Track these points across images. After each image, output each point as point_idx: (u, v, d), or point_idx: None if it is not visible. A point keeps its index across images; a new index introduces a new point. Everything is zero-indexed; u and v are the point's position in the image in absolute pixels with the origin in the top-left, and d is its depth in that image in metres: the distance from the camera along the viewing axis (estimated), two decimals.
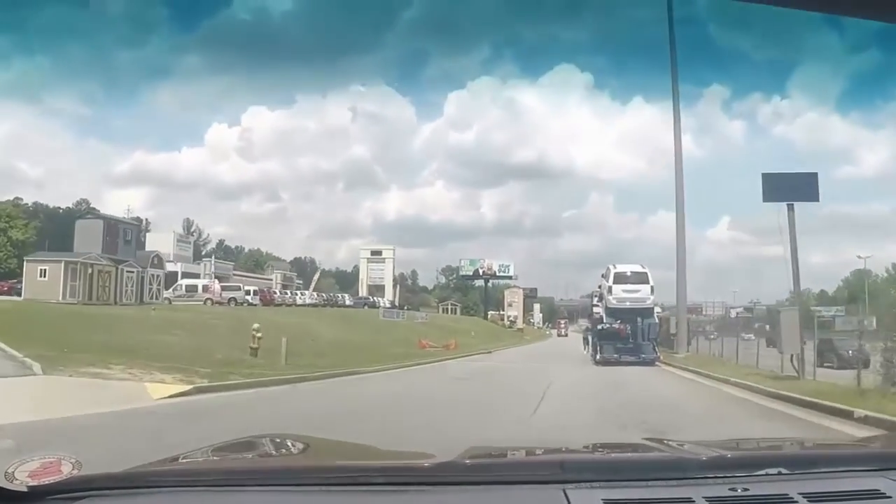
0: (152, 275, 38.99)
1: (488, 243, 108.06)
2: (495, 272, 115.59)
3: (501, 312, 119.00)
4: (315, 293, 64.98)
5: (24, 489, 1.39)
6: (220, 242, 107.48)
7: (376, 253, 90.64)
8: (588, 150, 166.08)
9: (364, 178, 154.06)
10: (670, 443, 1.92)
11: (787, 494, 1.28)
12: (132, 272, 36.64)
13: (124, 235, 37.26)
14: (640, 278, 30.95)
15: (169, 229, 67.54)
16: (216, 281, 48.19)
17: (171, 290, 45.75)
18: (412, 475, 1.51)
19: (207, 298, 45.57)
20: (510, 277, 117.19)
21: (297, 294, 60.11)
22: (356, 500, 1.38)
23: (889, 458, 1.65)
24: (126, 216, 44.65)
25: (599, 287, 33.21)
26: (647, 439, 2.11)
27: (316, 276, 62.99)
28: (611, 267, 31.97)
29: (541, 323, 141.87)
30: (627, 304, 30.06)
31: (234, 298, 47.95)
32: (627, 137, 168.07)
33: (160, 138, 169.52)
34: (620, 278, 30.98)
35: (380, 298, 76.07)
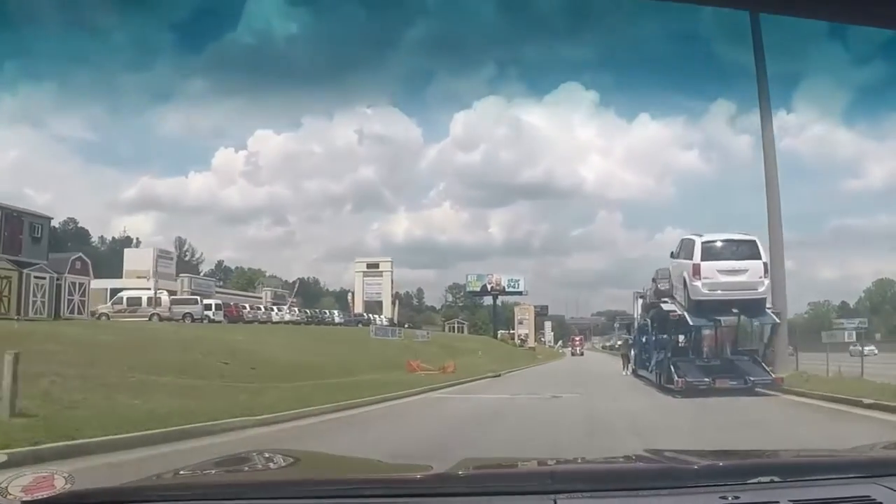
0: (73, 283, 30.09)
1: (497, 263, 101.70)
2: (504, 288, 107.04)
3: (512, 332, 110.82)
4: (297, 309, 56.03)
5: None
6: (220, 263, 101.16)
7: (373, 266, 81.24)
8: (595, 168, 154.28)
9: (372, 200, 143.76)
10: (665, 453, 1.77)
11: (777, 502, 1.26)
12: (42, 278, 27.83)
13: (31, 231, 28.59)
14: (747, 251, 19.22)
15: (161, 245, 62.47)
16: (164, 293, 39.47)
17: (109, 303, 37.44)
18: (406, 487, 1.47)
19: (153, 314, 37.04)
20: (520, 293, 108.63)
21: (272, 310, 51.17)
22: None
23: (881, 464, 1.61)
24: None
25: (655, 281, 22.81)
26: (645, 451, 1.97)
27: (293, 291, 54.15)
28: (694, 239, 19.94)
29: (552, 341, 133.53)
30: (726, 292, 18.74)
31: (190, 314, 39.42)
32: (634, 155, 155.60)
33: (167, 163, 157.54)
34: (713, 253, 19.13)
35: (376, 316, 67.26)
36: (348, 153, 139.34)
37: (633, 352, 28.05)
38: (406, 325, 69.52)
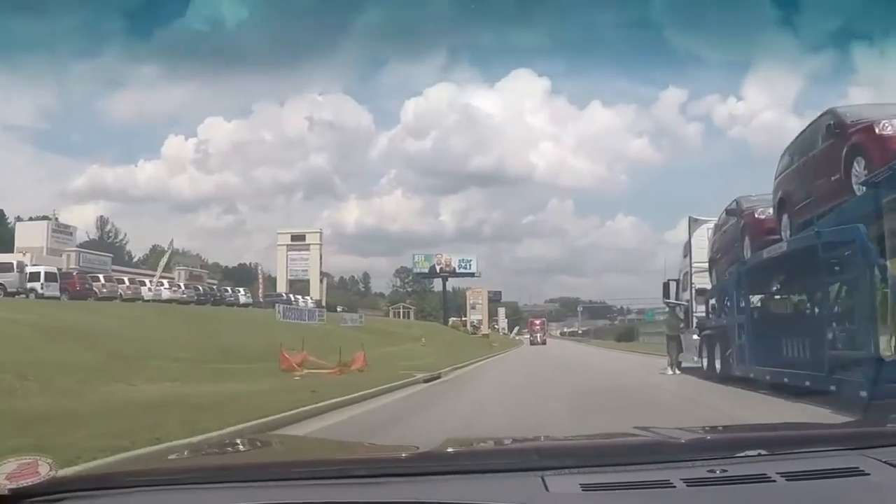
0: None
1: (449, 250, 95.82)
2: (454, 269, 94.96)
3: (464, 318, 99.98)
4: (182, 286, 43.10)
5: (6, 492, 1.32)
6: (154, 247, 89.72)
7: (298, 238, 67.05)
8: (547, 156, 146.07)
9: (322, 188, 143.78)
10: (655, 430, 1.74)
11: (765, 474, 1.23)
12: None
13: None
14: None
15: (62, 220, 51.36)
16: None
17: None
18: (392, 466, 1.46)
19: None
20: (472, 274, 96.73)
21: (142, 286, 38.30)
22: (335, 492, 1.29)
23: (869, 437, 1.60)
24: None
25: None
26: (634, 428, 1.84)
27: (163, 261, 41.40)
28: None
29: (507, 328, 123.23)
30: None
31: (2, 285, 26.54)
32: (586, 142, 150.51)
33: (116, 151, 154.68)
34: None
35: (300, 297, 54.72)
36: (299, 141, 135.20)
37: (692, 337, 16.69)
38: (342, 309, 57.34)
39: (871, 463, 1.27)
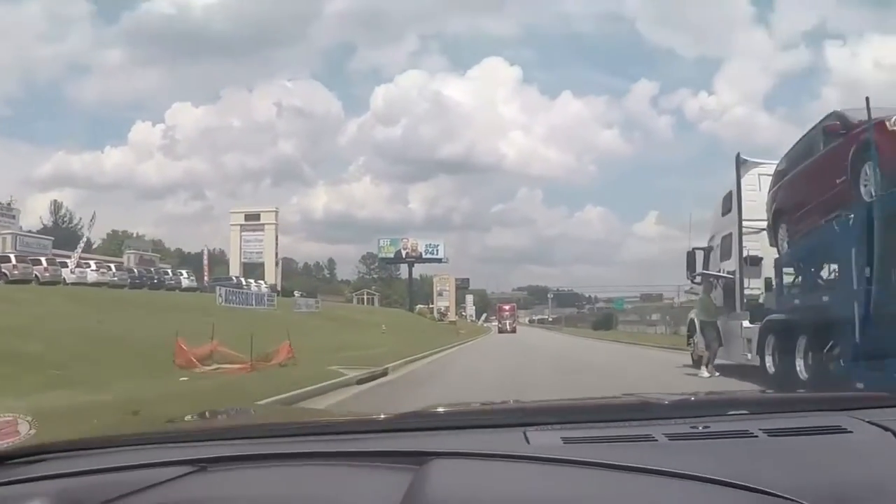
0: None
1: (417, 238, 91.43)
2: (421, 254, 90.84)
3: (431, 306, 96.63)
4: (111, 268, 38.62)
5: None
6: (114, 232, 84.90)
7: (252, 218, 62.15)
8: (517, 145, 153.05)
9: (291, 174, 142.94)
10: (642, 394, 1.70)
11: (747, 430, 1.23)
12: None
13: None
14: None
15: None
16: None
17: None
18: (372, 424, 1.43)
19: None
20: (439, 260, 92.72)
21: (63, 267, 33.91)
22: (312, 447, 1.25)
23: (854, 399, 1.60)
24: None
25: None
26: (623, 394, 1.81)
27: (82, 242, 37.09)
28: None
29: (475, 315, 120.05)
30: None
31: None
32: (556, 132, 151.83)
33: (82, 138, 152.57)
34: None
35: (252, 281, 50.32)
36: (268, 126, 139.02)
37: (740, 325, 11.79)
38: (301, 294, 53.26)
39: (853, 422, 1.27)
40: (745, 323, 11.50)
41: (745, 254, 11.92)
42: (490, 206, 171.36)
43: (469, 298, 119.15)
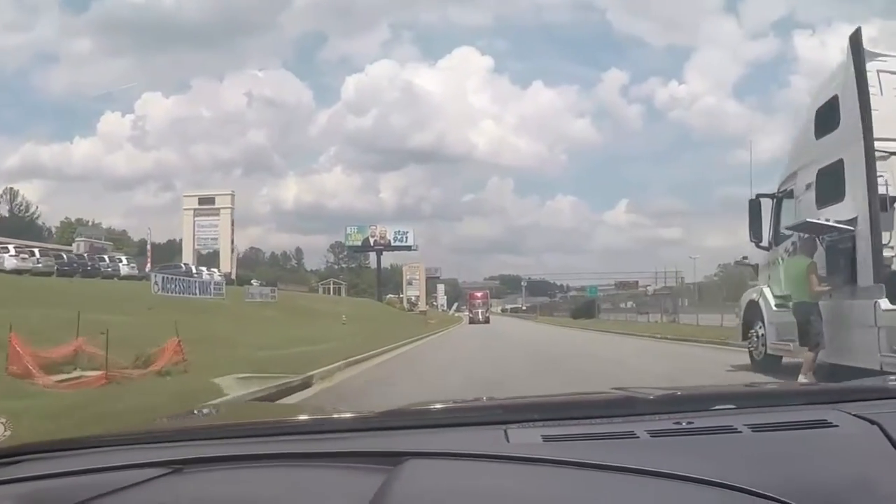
0: None
1: (386, 225, 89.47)
2: (390, 241, 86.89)
3: (400, 295, 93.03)
4: (34, 253, 34.25)
5: None
6: (69, 221, 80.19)
7: (206, 202, 57.10)
8: (488, 134, 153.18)
9: (261, 165, 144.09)
10: (626, 388, 1.64)
11: (731, 426, 1.20)
12: None
13: None
14: None
15: None
16: None
17: None
18: (352, 423, 1.42)
19: None
20: (409, 247, 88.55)
21: None
22: (288, 447, 1.23)
23: (839, 392, 1.60)
24: None
25: None
26: (611, 388, 1.73)
27: None
28: None
29: (446, 305, 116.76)
30: None
31: None
32: (527, 122, 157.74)
33: (51, 128, 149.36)
34: None
35: (203, 269, 45.96)
36: (238, 117, 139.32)
37: (873, 309, 7.39)
38: (261, 283, 49.28)
39: (839, 416, 1.24)
40: (884, 304, 7.49)
41: (881, 190, 7.71)
42: (461, 196, 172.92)
43: (440, 288, 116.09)
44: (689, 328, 27.62)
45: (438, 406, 1.53)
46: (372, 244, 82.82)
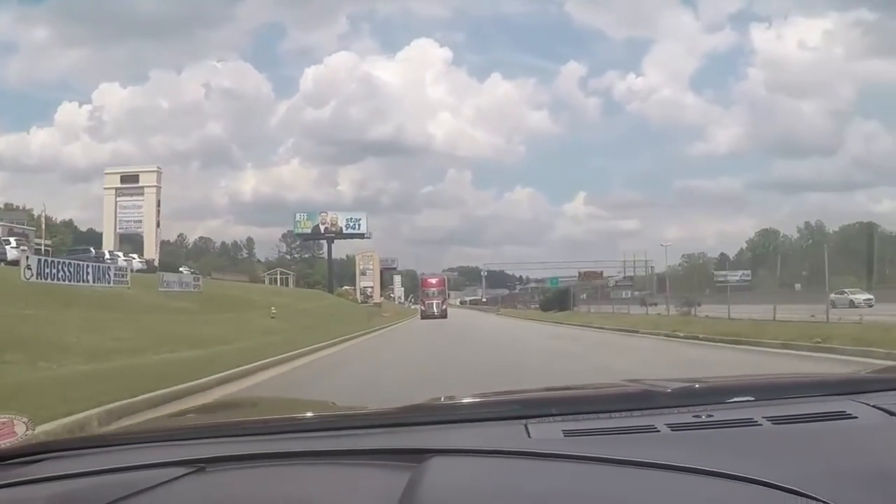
0: None
1: (337, 212, 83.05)
2: (342, 228, 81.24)
3: (352, 287, 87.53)
4: None
5: None
6: (5, 205, 72.98)
7: (129, 179, 50.06)
8: (446, 126, 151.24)
9: (219, 157, 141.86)
10: (643, 381, 1.67)
11: (751, 418, 1.20)
12: None
13: None
14: None
15: None
16: None
17: None
18: (372, 419, 1.40)
19: None
20: (361, 235, 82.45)
21: None
22: (312, 444, 1.23)
23: (858, 383, 1.56)
24: None
25: None
26: (623, 381, 1.81)
27: None
28: None
29: (402, 297, 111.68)
30: None
31: None
32: (485, 114, 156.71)
33: (6, 118, 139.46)
34: None
35: (119, 254, 39.88)
36: (196, 108, 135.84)
37: None
38: (192, 271, 43.32)
39: (858, 407, 1.24)
40: None
41: None
42: (420, 188, 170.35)
43: (397, 279, 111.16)
44: (736, 325, 18.41)
45: (459, 401, 1.51)
46: (322, 232, 77.09)
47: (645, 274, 57.29)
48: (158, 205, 50.78)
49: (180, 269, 44.78)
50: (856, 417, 1.18)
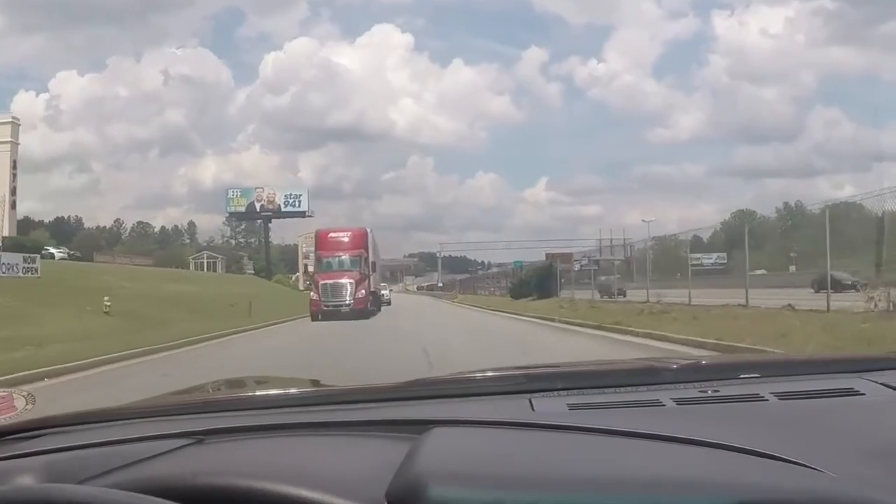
0: None
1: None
2: (279, 206, 72.00)
3: (297, 274, 78.41)
4: None
5: None
6: None
7: None
8: (408, 113, 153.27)
9: (179, 145, 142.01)
10: (650, 358, 1.67)
11: (757, 394, 1.19)
12: None
13: None
14: None
15: None
16: None
17: None
18: (377, 393, 1.38)
19: None
20: (302, 213, 72.96)
21: None
22: (311, 417, 1.22)
23: (866, 361, 1.53)
24: None
25: None
26: (636, 359, 1.79)
27: None
28: None
29: None
30: None
31: None
32: (447, 100, 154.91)
33: None
34: None
35: None
36: (155, 96, 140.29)
37: None
38: (66, 251, 33.89)
39: (866, 384, 1.22)
40: None
41: None
42: (381, 174, 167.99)
43: None
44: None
45: (463, 375, 1.49)
46: (258, 210, 67.70)
47: (624, 256, 48.53)
48: (14, 167, 40.55)
49: (47, 248, 35.30)
50: (863, 394, 1.16)
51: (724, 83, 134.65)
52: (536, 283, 35.60)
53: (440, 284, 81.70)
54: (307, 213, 68.73)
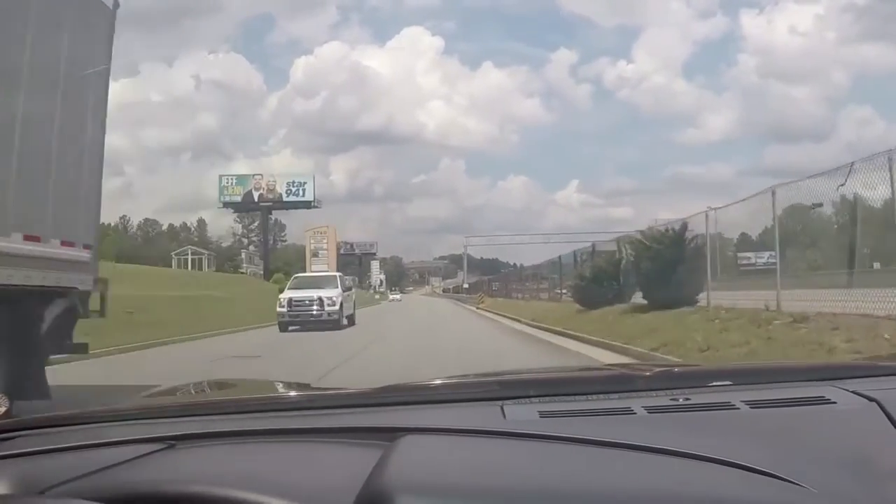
0: None
1: (339, 211, 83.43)
2: (281, 196, 62.47)
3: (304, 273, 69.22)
4: None
5: None
6: None
7: None
8: (438, 115, 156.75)
9: (211, 148, 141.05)
10: (623, 365, 1.68)
11: (729, 402, 1.19)
12: None
13: None
14: None
15: None
16: None
17: None
18: (348, 399, 1.38)
19: None
20: (308, 204, 63.69)
21: None
22: (282, 423, 1.22)
23: (838, 369, 1.57)
24: None
25: None
26: (605, 365, 1.84)
27: None
28: None
29: (381, 285, 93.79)
30: None
31: None
32: (478, 102, 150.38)
33: None
34: None
35: None
36: (187, 100, 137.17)
37: None
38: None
39: (837, 392, 1.22)
40: None
41: None
42: (411, 177, 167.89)
43: (374, 265, 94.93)
44: None
45: (435, 382, 1.47)
46: (257, 199, 58.51)
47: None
48: None
49: None
50: (834, 402, 1.16)
51: (753, 82, 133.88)
52: (654, 272, 14.83)
53: (466, 286, 70.74)
54: (313, 204, 59.25)
